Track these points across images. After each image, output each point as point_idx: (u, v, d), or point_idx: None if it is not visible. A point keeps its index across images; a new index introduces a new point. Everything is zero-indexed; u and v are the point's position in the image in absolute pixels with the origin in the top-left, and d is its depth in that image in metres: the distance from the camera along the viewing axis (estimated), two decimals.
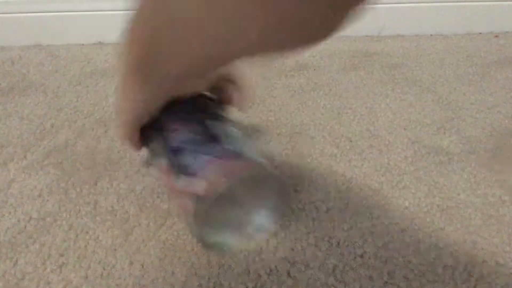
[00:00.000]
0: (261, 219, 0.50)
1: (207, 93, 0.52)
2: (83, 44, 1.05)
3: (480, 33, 1.04)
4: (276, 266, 0.50)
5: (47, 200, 0.60)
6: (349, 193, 0.59)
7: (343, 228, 0.54)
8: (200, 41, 0.27)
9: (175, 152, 0.45)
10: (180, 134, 0.46)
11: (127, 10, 0.32)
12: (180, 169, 0.43)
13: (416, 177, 0.61)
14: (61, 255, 0.52)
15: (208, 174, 0.41)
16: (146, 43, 0.32)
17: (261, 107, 0.78)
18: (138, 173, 0.64)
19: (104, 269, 0.50)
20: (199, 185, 0.41)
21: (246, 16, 0.23)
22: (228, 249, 0.51)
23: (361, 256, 0.50)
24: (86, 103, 0.82)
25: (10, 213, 0.59)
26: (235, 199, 0.44)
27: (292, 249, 0.52)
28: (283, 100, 0.80)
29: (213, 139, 0.45)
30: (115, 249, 0.53)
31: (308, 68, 0.92)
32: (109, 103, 0.82)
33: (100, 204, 0.59)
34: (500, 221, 0.54)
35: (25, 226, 0.56)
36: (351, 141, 0.69)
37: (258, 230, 0.51)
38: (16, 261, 0.52)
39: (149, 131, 0.48)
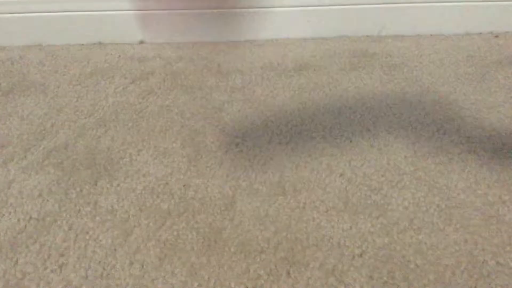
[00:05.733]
0: None
1: None
2: (83, 44, 1.05)
3: (480, 33, 1.04)
4: (276, 266, 0.50)
5: (47, 200, 0.60)
6: (349, 193, 0.59)
7: (343, 228, 0.54)
8: None
9: None
10: None
11: (127, 10, 0.32)
12: None
13: (416, 177, 0.61)
14: (61, 255, 0.52)
15: None
16: None
17: (261, 107, 0.78)
18: (138, 173, 0.64)
19: (104, 269, 0.50)
20: None
21: None
22: None
23: (361, 256, 0.50)
24: (86, 103, 0.82)
25: (10, 213, 0.59)
26: None
27: (292, 249, 0.52)
28: (283, 100, 0.80)
29: None
30: (115, 249, 0.53)
31: (308, 68, 0.92)
32: (109, 103, 0.82)
33: (100, 204, 0.59)
34: (500, 221, 0.54)
35: (25, 226, 0.56)
36: (351, 141, 0.69)
37: None
38: (16, 261, 0.52)
39: None
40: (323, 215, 0.56)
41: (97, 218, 0.57)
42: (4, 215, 0.58)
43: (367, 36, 1.06)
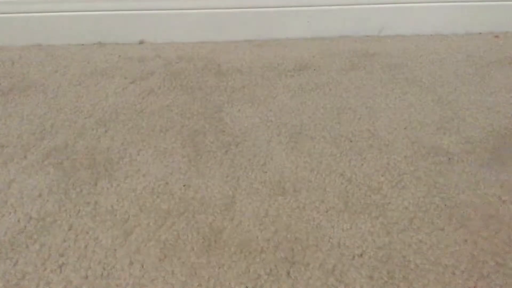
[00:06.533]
0: None
1: None
2: (83, 44, 1.04)
3: (480, 33, 1.04)
4: (276, 266, 0.50)
5: (47, 200, 0.60)
6: (349, 193, 0.59)
7: (343, 228, 0.54)
8: None
9: None
10: None
11: (127, 10, 0.32)
12: None
13: (416, 177, 0.61)
14: (61, 255, 0.52)
15: None
16: None
17: (261, 107, 0.78)
18: (138, 173, 0.64)
19: (104, 269, 0.50)
20: None
21: None
22: None
23: (361, 256, 0.50)
24: (86, 103, 0.82)
25: (10, 213, 0.59)
26: None
27: (292, 249, 0.52)
28: (283, 100, 0.80)
29: None
30: (115, 249, 0.53)
31: (308, 68, 0.92)
32: (109, 103, 0.82)
33: (100, 204, 0.59)
34: (500, 221, 0.54)
35: (25, 226, 0.56)
36: (351, 141, 0.69)
37: None
38: (16, 261, 0.52)
39: None
40: (323, 215, 0.56)
41: (97, 218, 0.57)
42: (4, 215, 0.58)
43: (367, 36, 1.06)
